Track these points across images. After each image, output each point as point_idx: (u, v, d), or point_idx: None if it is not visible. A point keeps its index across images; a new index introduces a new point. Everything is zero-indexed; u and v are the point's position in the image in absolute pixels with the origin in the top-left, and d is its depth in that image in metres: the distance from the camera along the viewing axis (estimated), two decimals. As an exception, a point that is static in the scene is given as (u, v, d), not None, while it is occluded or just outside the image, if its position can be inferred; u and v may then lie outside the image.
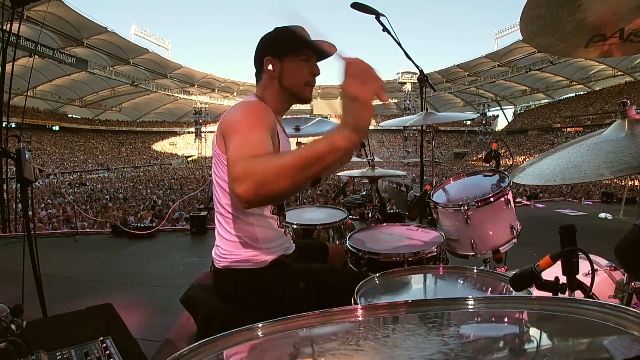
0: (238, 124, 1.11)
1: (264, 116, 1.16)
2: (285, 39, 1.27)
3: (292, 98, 1.33)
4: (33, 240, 2.00)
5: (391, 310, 0.64)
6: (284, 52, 1.27)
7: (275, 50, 1.28)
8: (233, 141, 1.03)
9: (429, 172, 3.81)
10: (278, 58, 1.27)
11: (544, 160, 1.01)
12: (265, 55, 1.28)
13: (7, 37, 5.76)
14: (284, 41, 1.28)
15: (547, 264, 0.83)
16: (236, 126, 1.10)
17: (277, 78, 1.28)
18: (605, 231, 4.50)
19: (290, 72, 1.28)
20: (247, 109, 1.19)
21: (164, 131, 52.36)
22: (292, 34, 1.26)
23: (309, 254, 1.54)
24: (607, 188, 11.67)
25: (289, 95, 1.31)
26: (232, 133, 1.07)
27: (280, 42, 1.28)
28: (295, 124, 2.57)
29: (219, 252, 1.27)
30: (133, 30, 41.07)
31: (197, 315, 1.29)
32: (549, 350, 0.51)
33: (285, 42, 1.27)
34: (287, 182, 0.85)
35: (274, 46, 1.29)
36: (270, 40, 1.30)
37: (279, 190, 0.85)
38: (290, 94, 1.31)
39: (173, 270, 3.54)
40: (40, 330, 1.20)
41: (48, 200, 13.92)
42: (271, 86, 1.30)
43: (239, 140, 1.03)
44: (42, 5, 19.50)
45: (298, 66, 1.28)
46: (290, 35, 1.26)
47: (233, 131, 1.08)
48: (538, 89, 45.29)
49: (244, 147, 0.99)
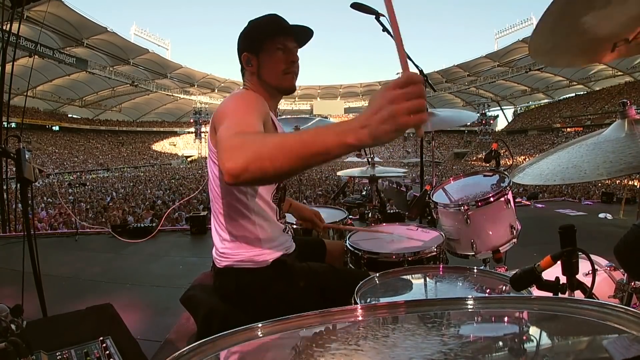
0: (228, 109, 1.09)
1: (254, 102, 1.14)
2: (258, 30, 1.25)
3: (274, 91, 1.30)
4: (33, 240, 2.00)
5: (391, 310, 0.65)
6: (259, 45, 1.25)
7: (250, 45, 1.26)
8: (223, 125, 0.99)
9: (429, 172, 3.81)
10: (254, 52, 1.25)
11: (544, 160, 1.01)
12: (242, 52, 1.26)
13: (7, 37, 5.76)
14: (256, 33, 1.26)
15: (548, 264, 0.83)
16: (227, 111, 1.07)
17: (256, 73, 1.27)
18: (605, 231, 4.50)
19: (266, 65, 1.25)
20: (236, 98, 1.18)
21: (164, 131, 52.36)
22: (265, 25, 1.24)
23: (307, 252, 1.53)
24: (607, 188, 11.68)
25: (270, 89, 1.28)
26: (223, 118, 1.04)
27: (254, 35, 1.26)
28: (295, 124, 2.57)
29: (220, 252, 1.27)
30: (133, 30, 41.12)
31: (197, 315, 1.29)
32: (549, 350, 0.51)
33: (258, 33, 1.25)
34: (283, 163, 0.77)
35: (248, 41, 1.27)
36: (245, 35, 1.28)
37: (273, 168, 0.77)
38: (272, 87, 1.28)
39: (173, 270, 3.54)
40: (40, 330, 1.19)
41: (48, 200, 13.92)
42: (253, 82, 1.29)
43: (229, 122, 0.99)
44: (42, 5, 19.48)
45: (274, 56, 1.24)
46: (262, 26, 1.24)
47: (223, 117, 1.04)
48: (538, 89, 45.28)
49: (236, 126, 0.95)
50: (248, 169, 0.78)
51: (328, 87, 58.56)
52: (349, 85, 57.76)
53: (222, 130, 0.95)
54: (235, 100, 1.16)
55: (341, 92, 58.75)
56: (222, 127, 0.98)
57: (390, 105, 0.68)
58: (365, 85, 56.54)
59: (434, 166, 3.03)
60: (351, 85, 57.62)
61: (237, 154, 0.80)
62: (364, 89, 57.13)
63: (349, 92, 58.51)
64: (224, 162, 0.81)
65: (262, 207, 1.26)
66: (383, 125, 0.69)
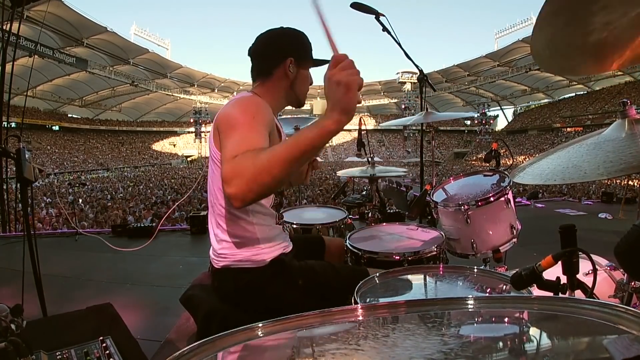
0: (235, 121, 1.08)
1: (261, 113, 1.14)
2: (307, 46, 1.33)
3: (293, 101, 1.36)
4: (33, 240, 2.00)
5: (391, 310, 0.64)
6: (304, 59, 1.31)
7: (299, 55, 1.30)
8: (230, 140, 1.02)
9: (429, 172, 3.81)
10: (297, 62, 1.29)
11: (544, 160, 1.01)
12: (287, 55, 1.28)
13: (7, 37, 5.76)
14: (305, 48, 1.32)
15: (548, 264, 0.83)
16: (233, 123, 1.08)
17: (291, 81, 1.30)
18: (605, 231, 4.50)
19: (302, 80, 1.33)
20: (244, 105, 1.17)
21: (164, 131, 52.35)
22: (308, 43, 1.33)
23: (306, 250, 1.53)
24: (607, 188, 11.68)
25: (293, 98, 1.35)
26: (229, 130, 1.05)
27: (303, 48, 1.32)
28: (295, 124, 2.57)
29: (217, 253, 1.26)
30: (133, 30, 41.11)
31: (197, 315, 1.29)
32: (549, 350, 0.51)
33: (307, 50, 1.33)
34: (279, 171, 0.87)
35: (297, 50, 1.31)
36: (293, 42, 1.32)
37: (273, 179, 0.88)
38: (294, 99, 1.35)
39: (173, 270, 3.54)
40: (40, 330, 1.19)
41: (48, 200, 13.92)
42: (279, 86, 1.30)
43: (235, 138, 1.02)
44: (42, 5, 19.49)
45: (307, 75, 1.34)
46: (307, 43, 1.33)
47: (230, 129, 1.06)
48: (538, 89, 45.28)
49: (239, 145, 0.98)
50: (251, 190, 0.88)
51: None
52: (349, 85, 57.57)
53: (228, 149, 1.00)
54: (241, 109, 1.14)
55: (341, 92, 58.57)
56: (229, 142, 1.03)
57: (341, 81, 0.83)
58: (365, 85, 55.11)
59: (434, 166, 3.02)
60: (351, 85, 57.44)
61: (237, 180, 0.89)
62: (364, 89, 55.94)
63: (349, 91, 58.31)
64: (226, 189, 0.90)
65: (260, 210, 1.26)
66: (345, 97, 0.83)
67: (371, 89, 55.83)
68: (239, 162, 0.91)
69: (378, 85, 55.08)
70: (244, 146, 0.97)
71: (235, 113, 1.13)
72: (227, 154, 0.98)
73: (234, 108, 1.15)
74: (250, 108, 1.15)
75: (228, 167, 0.92)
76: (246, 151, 0.94)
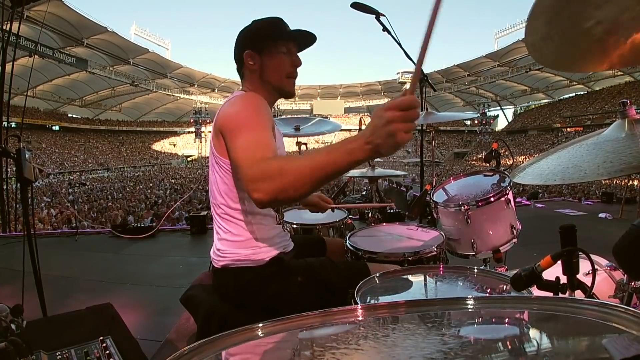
0: (241, 121, 1.08)
1: (264, 111, 1.14)
2: (264, 31, 1.26)
3: (274, 92, 1.31)
4: (33, 240, 2.00)
5: (391, 310, 0.64)
6: (263, 45, 1.25)
7: (255, 44, 1.26)
8: (240, 140, 1.02)
9: (429, 172, 3.81)
10: (257, 52, 1.25)
11: (544, 160, 1.01)
12: (244, 50, 1.26)
13: (7, 37, 5.76)
14: (262, 34, 1.26)
15: (548, 264, 0.83)
16: (238, 123, 1.07)
17: (258, 72, 1.27)
18: (605, 231, 4.50)
19: (270, 66, 1.26)
20: (245, 104, 1.16)
21: (164, 131, 52.33)
22: (270, 27, 1.26)
23: (307, 250, 1.53)
24: (607, 188, 11.68)
25: (271, 89, 1.29)
26: (236, 131, 1.05)
27: (259, 35, 1.26)
28: (295, 124, 2.57)
29: (218, 252, 1.27)
30: (133, 30, 41.08)
31: (197, 315, 1.29)
32: (549, 350, 0.51)
33: (264, 34, 1.26)
34: (304, 188, 0.91)
35: (253, 40, 1.27)
36: (249, 33, 1.28)
37: (297, 195, 0.92)
38: (272, 88, 1.29)
39: (173, 270, 3.54)
40: (40, 330, 1.19)
41: (47, 199, 13.92)
42: (252, 81, 1.28)
43: (247, 139, 1.02)
44: (42, 5, 19.48)
45: (278, 59, 1.26)
46: (269, 27, 1.26)
47: (237, 129, 1.06)
48: (538, 89, 45.26)
49: (255, 148, 0.99)
50: (277, 198, 0.92)
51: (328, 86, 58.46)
52: (349, 85, 57.69)
53: (243, 150, 1.01)
54: (245, 107, 1.14)
55: (341, 92, 58.70)
56: (239, 142, 1.03)
57: (390, 125, 0.79)
58: (365, 85, 56.47)
59: (434, 166, 3.02)
60: (351, 85, 57.56)
61: (264, 187, 0.91)
62: (364, 89, 57.07)
63: (349, 91, 58.45)
64: (250, 192, 0.93)
65: (261, 210, 1.26)
66: (384, 141, 0.81)
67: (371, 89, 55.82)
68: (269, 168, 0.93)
69: (378, 85, 55.07)
70: (260, 148, 0.99)
71: (239, 112, 1.12)
72: (243, 155, 0.99)
73: (238, 107, 1.14)
74: (253, 105, 1.15)
75: (257, 171, 0.94)
76: (268, 157, 0.97)
